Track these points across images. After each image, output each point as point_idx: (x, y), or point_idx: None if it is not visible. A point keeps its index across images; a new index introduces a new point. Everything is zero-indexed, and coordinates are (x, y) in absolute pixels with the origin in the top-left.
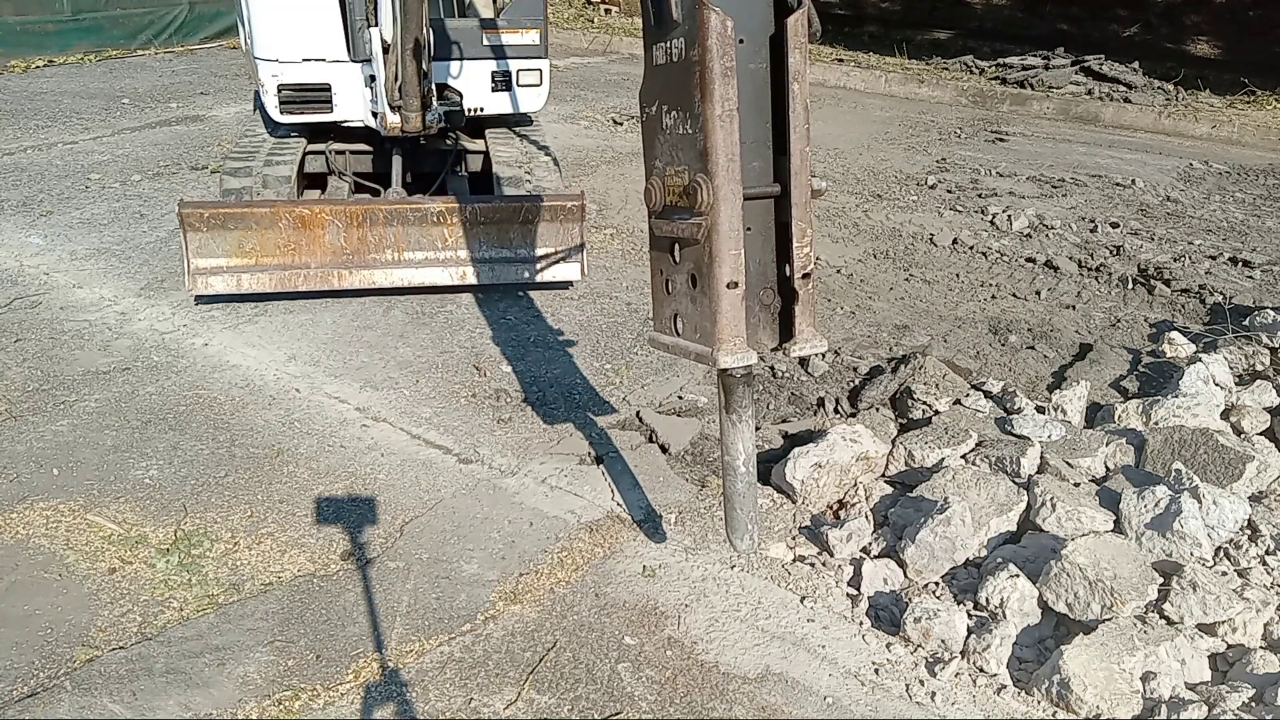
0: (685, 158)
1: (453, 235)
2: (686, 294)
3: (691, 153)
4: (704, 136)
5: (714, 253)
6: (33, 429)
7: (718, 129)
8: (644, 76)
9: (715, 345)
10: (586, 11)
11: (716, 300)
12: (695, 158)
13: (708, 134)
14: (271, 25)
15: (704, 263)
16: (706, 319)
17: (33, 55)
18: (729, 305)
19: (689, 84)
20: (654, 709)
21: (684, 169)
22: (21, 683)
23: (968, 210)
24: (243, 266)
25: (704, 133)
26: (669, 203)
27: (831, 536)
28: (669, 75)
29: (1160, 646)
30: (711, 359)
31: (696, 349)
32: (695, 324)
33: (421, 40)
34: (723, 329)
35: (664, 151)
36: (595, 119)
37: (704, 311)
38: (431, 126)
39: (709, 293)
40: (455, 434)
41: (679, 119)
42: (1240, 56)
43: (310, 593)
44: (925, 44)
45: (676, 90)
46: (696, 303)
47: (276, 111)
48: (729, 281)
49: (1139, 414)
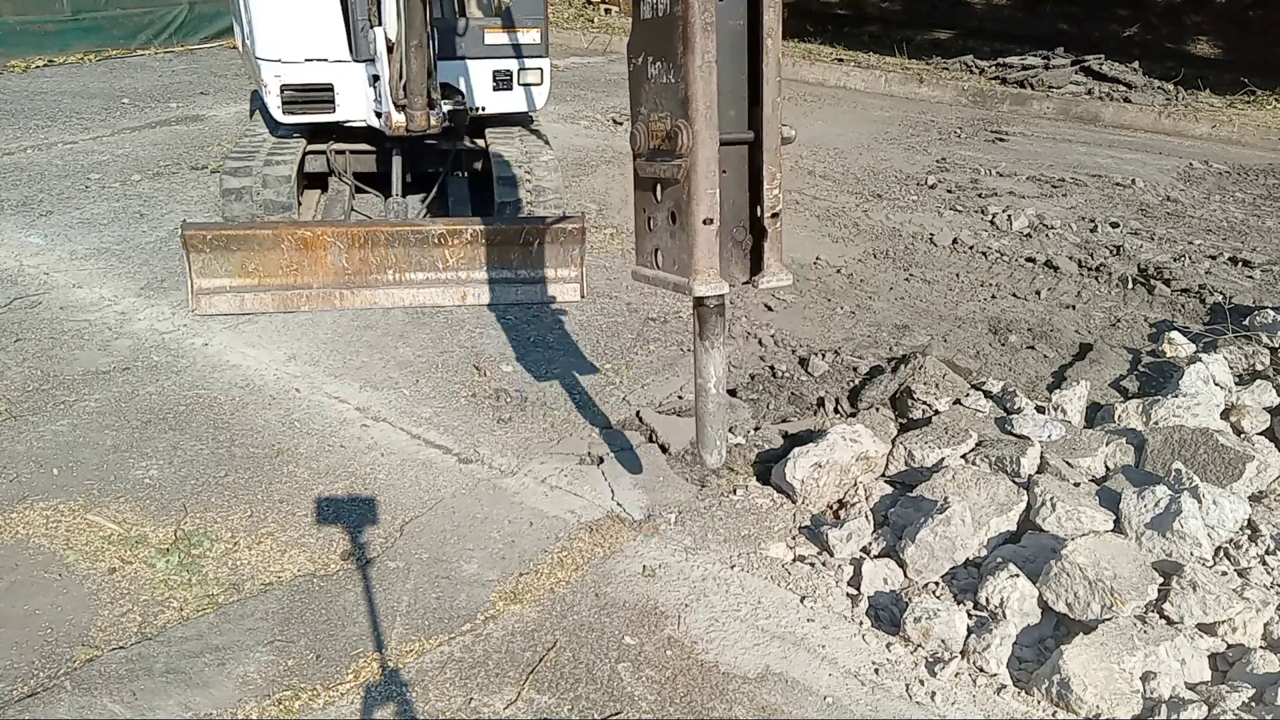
0: (668, 105)
1: (454, 256)
2: (666, 230)
3: (673, 100)
4: (685, 85)
5: (692, 191)
6: (33, 429)
7: (697, 79)
8: (631, 30)
9: (692, 276)
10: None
11: (693, 235)
12: (677, 105)
13: (689, 83)
14: (273, 26)
15: (683, 201)
16: (684, 252)
17: (33, 55)
18: (704, 240)
19: (672, 37)
20: (654, 709)
21: (666, 115)
22: (21, 683)
23: (968, 210)
24: (246, 287)
25: (685, 82)
26: (652, 146)
27: (831, 536)
28: (654, 29)
29: (1160, 646)
30: (688, 288)
31: (674, 280)
32: (674, 257)
33: (425, 39)
34: (699, 261)
35: (648, 99)
36: (595, 119)
37: (682, 245)
38: (436, 125)
39: (687, 228)
40: (455, 434)
41: (663, 69)
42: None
43: (310, 592)
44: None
45: (661, 43)
46: (675, 238)
47: (279, 112)
48: (705, 218)
49: (1139, 414)
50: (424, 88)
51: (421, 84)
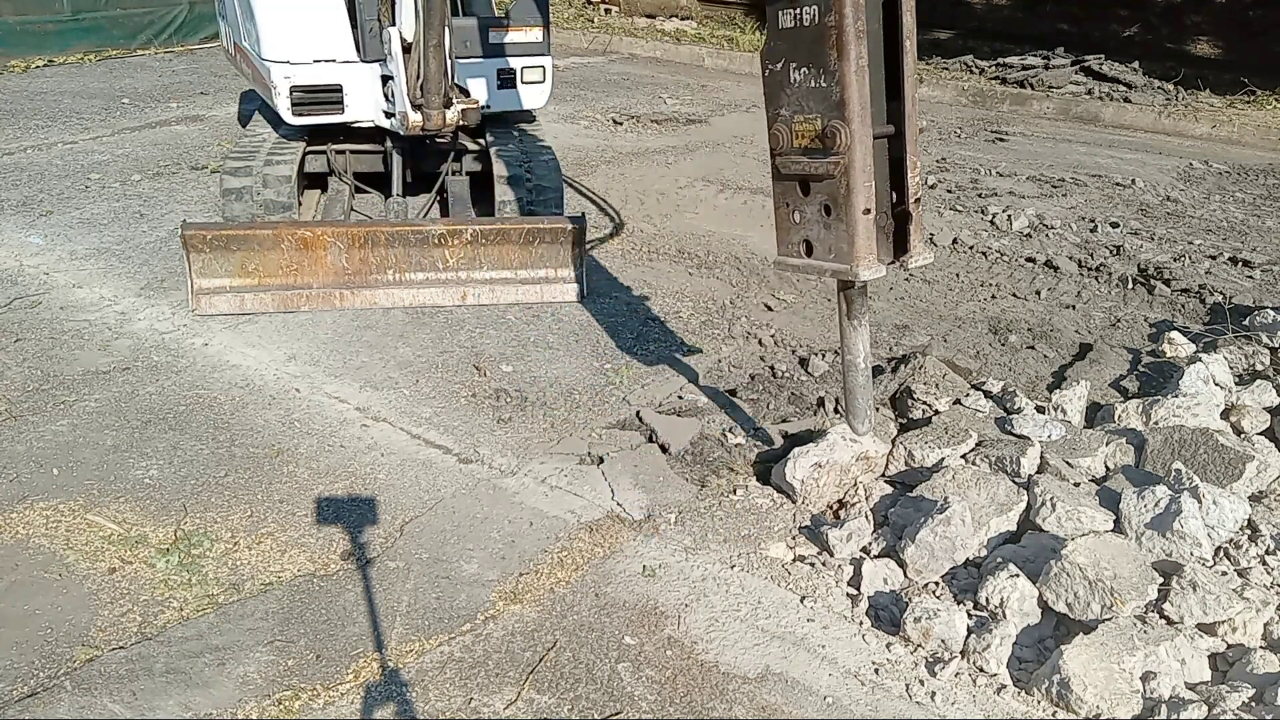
0: (818, 107)
1: (453, 256)
2: (819, 221)
3: (824, 103)
4: (840, 89)
5: (851, 185)
6: (33, 429)
7: (853, 82)
8: (766, 38)
9: (854, 262)
10: (586, 11)
11: (854, 225)
12: (830, 107)
13: (844, 87)
14: (281, 27)
15: (840, 194)
16: (844, 241)
17: (33, 55)
18: (864, 228)
19: (823, 45)
20: (654, 709)
21: (816, 116)
22: (21, 683)
23: (968, 210)
24: (246, 287)
25: (840, 85)
26: (798, 145)
27: (831, 536)
28: (798, 37)
29: (1160, 646)
30: (853, 273)
31: (834, 266)
32: (830, 245)
33: (443, 38)
34: (860, 248)
35: (790, 101)
36: (595, 119)
37: (840, 235)
38: (452, 124)
39: (846, 219)
40: (455, 434)
41: (810, 74)
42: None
43: (310, 593)
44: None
45: (807, 50)
46: (831, 228)
47: (289, 114)
48: (864, 209)
49: (1139, 414)
50: (442, 87)
51: (439, 83)
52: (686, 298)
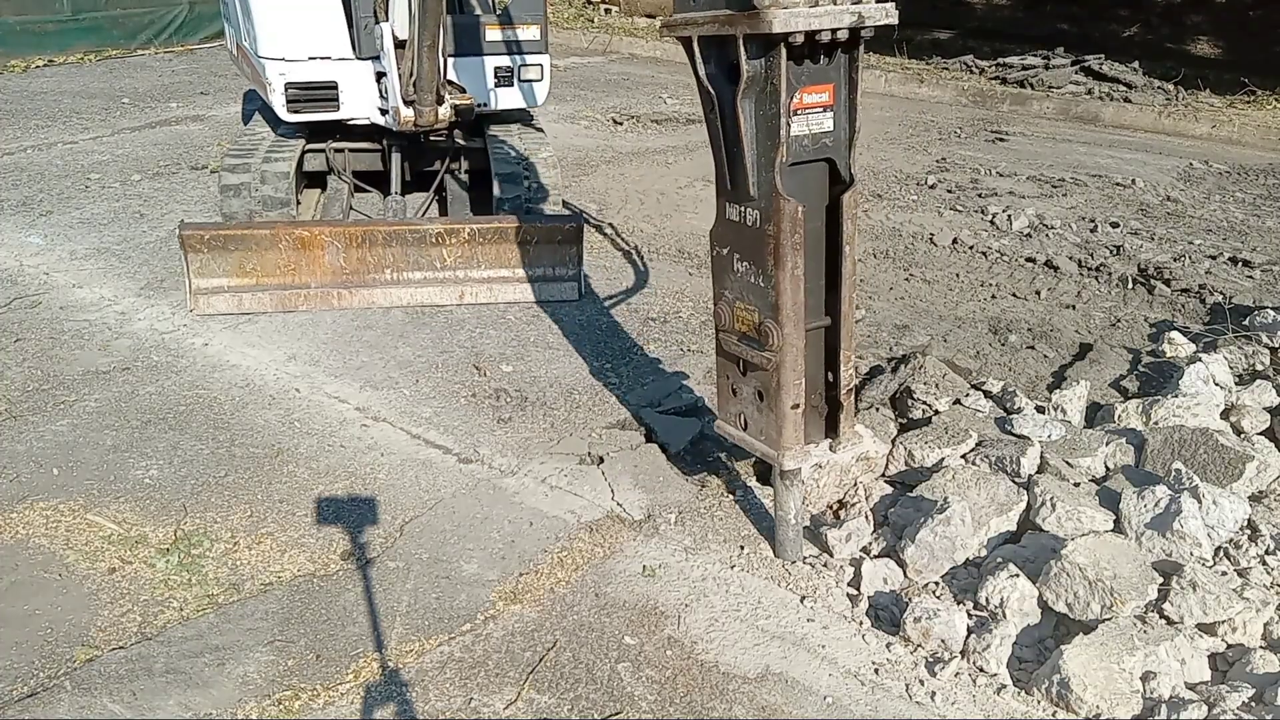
0: (756, 301)
1: (451, 255)
2: (753, 403)
3: (762, 301)
4: (775, 294)
5: (780, 381)
6: (33, 429)
7: (787, 289)
8: (716, 222)
9: (780, 450)
10: (586, 11)
11: (782, 417)
12: (766, 306)
13: (779, 292)
14: (276, 24)
15: (771, 388)
16: (772, 429)
17: (33, 55)
18: (791, 421)
19: (763, 250)
20: (654, 709)
21: (754, 309)
22: (21, 683)
23: (968, 210)
24: (243, 286)
25: (775, 290)
26: (738, 330)
27: (831, 536)
28: (742, 233)
29: (1160, 646)
30: (778, 460)
31: (763, 449)
32: (762, 429)
33: (438, 37)
34: (786, 439)
35: (733, 287)
36: (595, 119)
37: (770, 422)
38: (445, 120)
39: (775, 410)
40: (455, 434)
41: (750, 269)
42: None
43: (310, 593)
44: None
45: (749, 248)
46: (763, 413)
47: (285, 111)
48: (792, 404)
49: (1139, 414)
50: (434, 84)
51: (432, 81)
52: (686, 298)
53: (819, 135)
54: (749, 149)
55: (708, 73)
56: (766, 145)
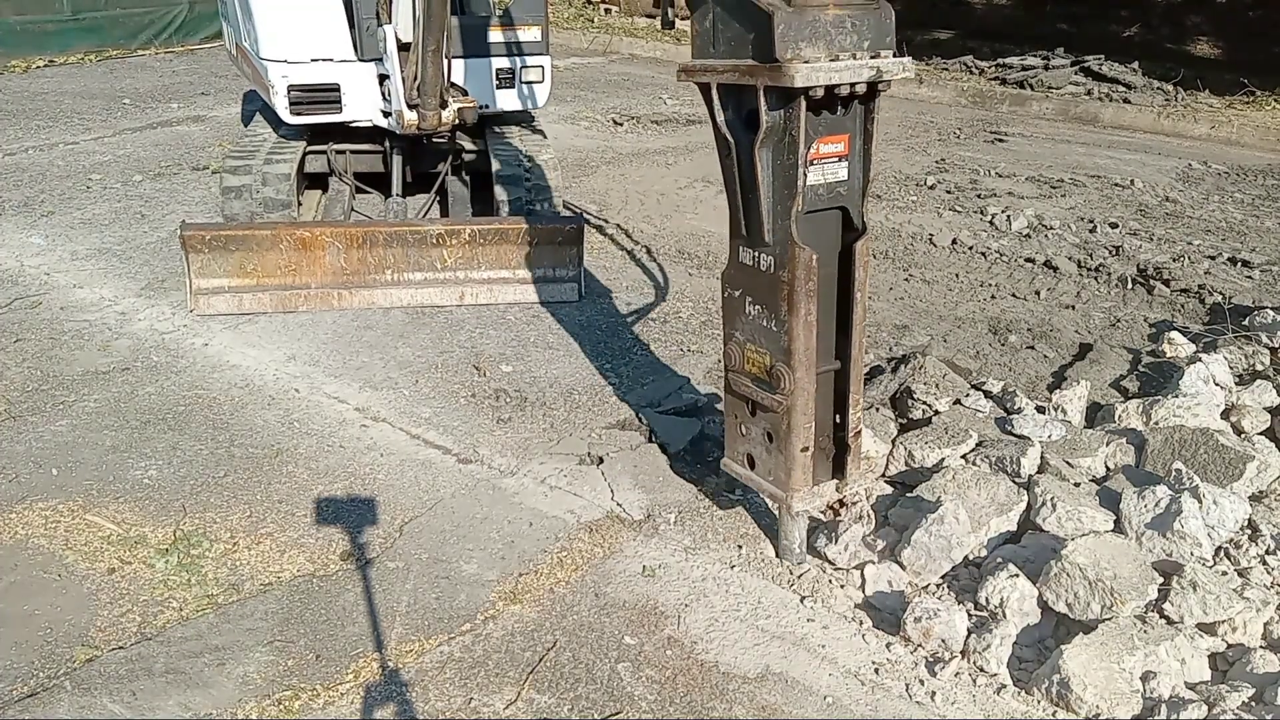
0: (768, 345)
1: (452, 256)
2: (762, 444)
3: (774, 344)
4: (788, 339)
5: (791, 424)
6: (32, 429)
7: (800, 335)
8: (729, 264)
9: (789, 492)
10: (586, 11)
11: (791, 460)
12: (778, 350)
13: (791, 337)
14: (278, 26)
15: (782, 430)
16: (781, 470)
17: (33, 55)
18: (800, 464)
19: (776, 295)
20: (654, 709)
21: (766, 352)
22: (21, 683)
23: (967, 210)
24: (244, 287)
25: (788, 336)
26: (748, 371)
27: (831, 537)
28: (755, 277)
29: (1160, 646)
30: (786, 502)
31: (771, 489)
32: (770, 469)
33: (442, 41)
34: (795, 481)
35: (745, 329)
36: (595, 119)
37: (779, 464)
38: (448, 123)
39: (785, 452)
40: (455, 434)
41: (763, 313)
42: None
43: (310, 593)
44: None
45: (763, 292)
46: (772, 455)
47: (287, 113)
48: (802, 447)
49: (1139, 414)
50: (438, 88)
51: (436, 84)
52: (686, 298)
53: (834, 184)
54: (765, 196)
55: (726, 120)
56: (783, 194)
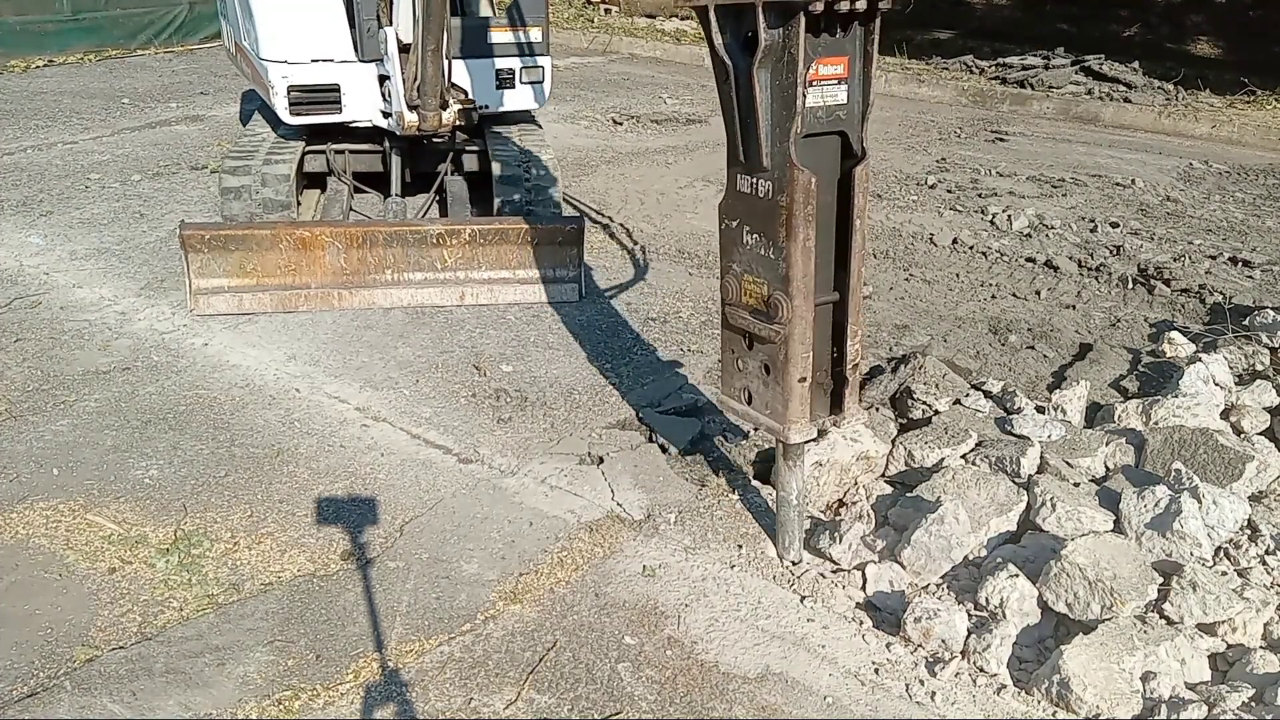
0: (765, 274)
1: (452, 256)
2: (759, 377)
3: (772, 273)
4: (786, 265)
5: (789, 354)
6: (33, 429)
7: (798, 261)
8: (726, 194)
9: (786, 424)
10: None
11: (789, 391)
12: (776, 278)
13: (789, 264)
14: (279, 27)
15: (779, 360)
16: (778, 402)
17: (33, 55)
18: (798, 395)
19: (774, 221)
20: (654, 709)
21: (763, 282)
22: (21, 683)
23: (968, 210)
24: (244, 287)
25: (786, 262)
26: (746, 303)
27: (832, 536)
28: (753, 205)
29: (1160, 646)
30: (783, 435)
31: (768, 423)
32: (767, 402)
33: (441, 42)
34: (793, 413)
35: (742, 260)
36: (595, 119)
37: (776, 396)
38: (448, 124)
39: (782, 384)
40: (455, 434)
41: (760, 242)
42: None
43: (310, 593)
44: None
45: (761, 220)
46: (769, 387)
47: (287, 113)
48: (799, 378)
49: (1139, 414)
50: (438, 88)
51: (436, 85)
52: (686, 298)
53: (833, 108)
54: (763, 119)
55: (724, 43)
56: (781, 116)
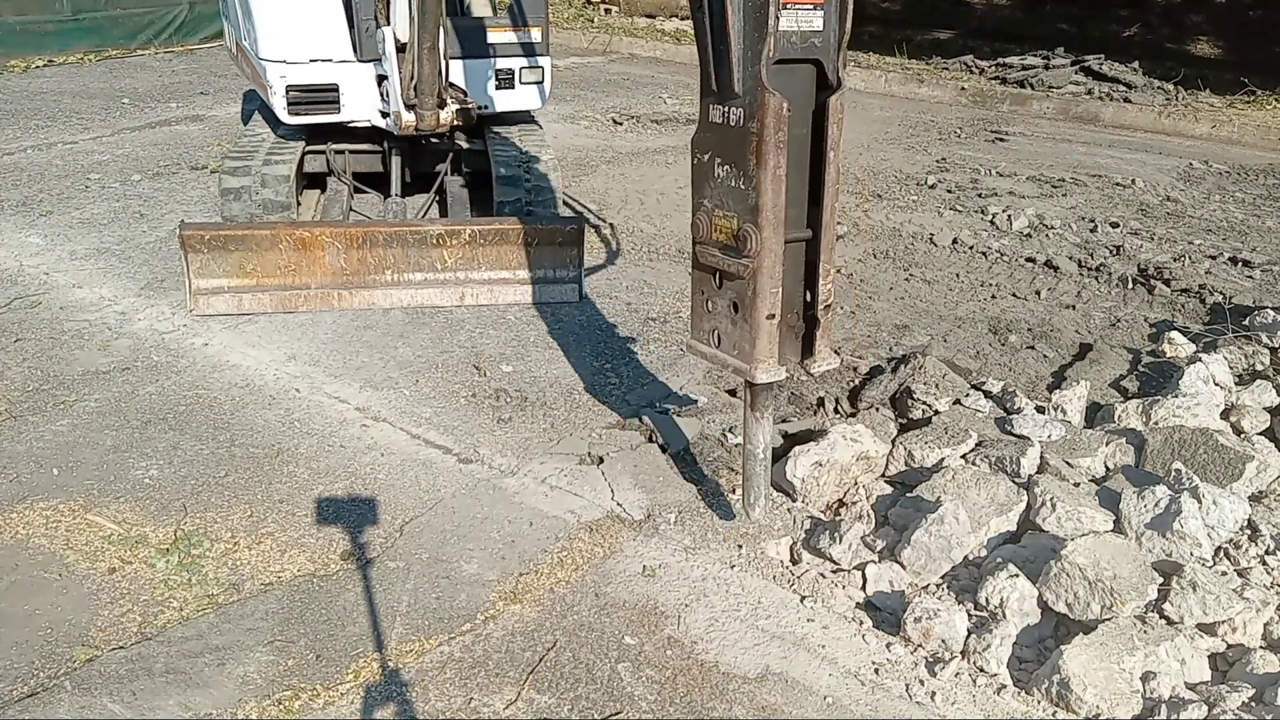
0: (735, 206)
1: (452, 257)
2: (727, 316)
3: (742, 204)
4: (755, 195)
5: (757, 289)
6: (33, 429)
7: (768, 190)
8: (698, 128)
9: (753, 364)
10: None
11: (756, 328)
12: (746, 210)
13: (759, 193)
14: (277, 26)
15: (747, 296)
16: (746, 341)
17: (33, 55)
18: (766, 332)
19: (745, 149)
20: (654, 709)
21: (733, 215)
22: (21, 682)
23: (968, 210)
24: (244, 287)
25: (756, 191)
26: (716, 240)
27: (832, 537)
28: (725, 134)
29: (1160, 646)
30: (751, 374)
31: (735, 363)
32: (735, 342)
33: (438, 40)
34: (760, 351)
35: (713, 194)
36: (595, 119)
37: (744, 334)
38: (446, 124)
39: (750, 320)
40: (455, 434)
41: (731, 173)
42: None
43: (310, 592)
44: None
45: (731, 149)
46: (737, 326)
47: (285, 113)
48: (768, 314)
49: (1139, 414)
50: (435, 88)
51: (433, 84)
52: (686, 298)
53: (808, 34)
54: (735, 43)
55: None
56: (754, 38)
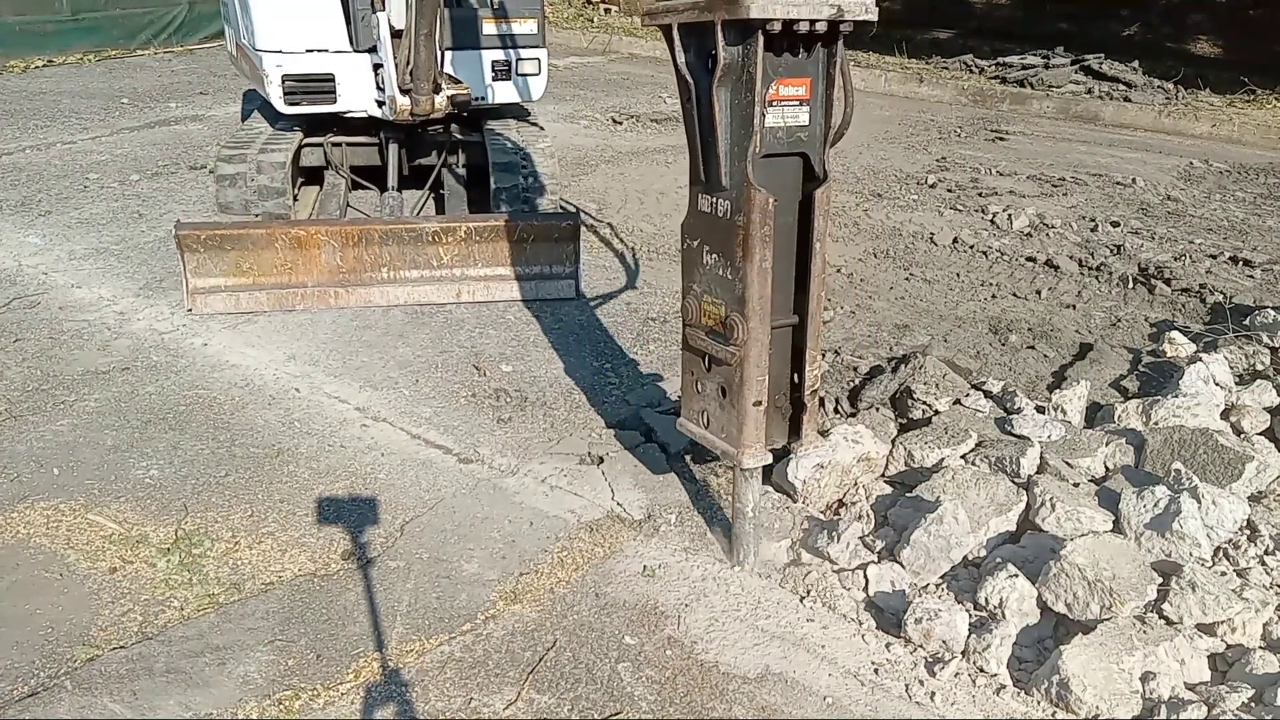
0: (723, 295)
1: (448, 254)
2: (716, 400)
3: (729, 294)
4: (742, 286)
5: (744, 377)
6: (33, 429)
7: (754, 282)
8: (688, 213)
9: (740, 449)
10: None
11: (743, 415)
12: (733, 299)
13: (746, 285)
14: (273, 16)
15: (735, 383)
16: (734, 426)
17: (32, 55)
18: (753, 419)
19: (732, 241)
20: (654, 709)
21: (721, 303)
22: (22, 682)
23: (968, 209)
24: (240, 286)
25: (743, 283)
26: (704, 324)
27: (831, 537)
28: (713, 224)
29: (1159, 646)
30: (738, 459)
31: (724, 447)
32: (723, 426)
33: (434, 26)
34: (747, 437)
35: (702, 280)
36: (595, 118)
37: (731, 419)
38: (441, 110)
39: (737, 407)
40: (455, 434)
41: (719, 262)
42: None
43: (311, 592)
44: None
45: (719, 239)
46: (725, 410)
47: (281, 103)
48: (754, 401)
49: (1139, 414)
50: (431, 73)
51: (429, 70)
52: None
53: (794, 129)
54: (723, 138)
55: (686, 61)
56: (740, 134)
